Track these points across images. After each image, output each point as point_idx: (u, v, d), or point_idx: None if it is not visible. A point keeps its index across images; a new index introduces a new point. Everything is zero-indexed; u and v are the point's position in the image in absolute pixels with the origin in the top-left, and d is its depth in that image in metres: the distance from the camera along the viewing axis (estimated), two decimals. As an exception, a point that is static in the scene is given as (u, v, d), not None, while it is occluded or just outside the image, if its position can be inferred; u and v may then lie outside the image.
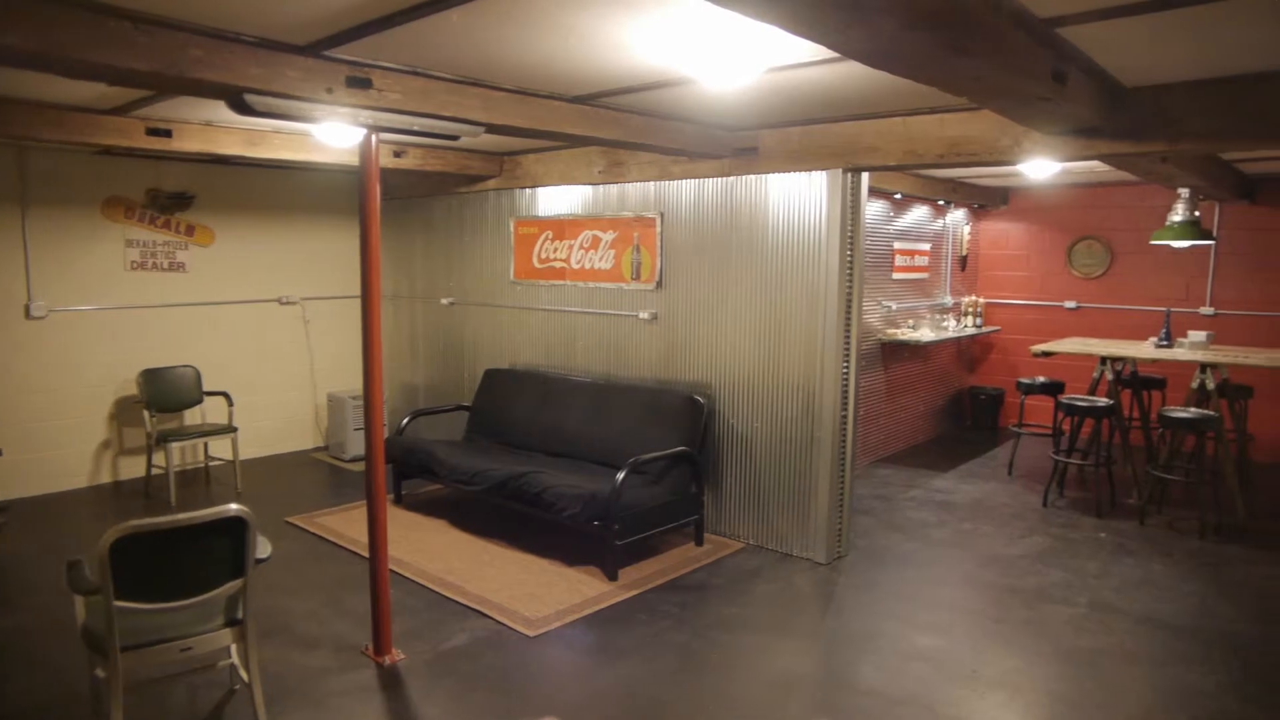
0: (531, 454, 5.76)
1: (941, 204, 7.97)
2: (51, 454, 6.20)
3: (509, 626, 4.04)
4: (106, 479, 6.49)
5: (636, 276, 5.73)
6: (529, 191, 6.46)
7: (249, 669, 3.07)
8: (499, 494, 5.08)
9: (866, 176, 4.87)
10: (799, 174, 4.86)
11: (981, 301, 8.59)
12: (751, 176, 5.08)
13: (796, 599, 4.49)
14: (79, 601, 2.99)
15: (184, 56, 2.86)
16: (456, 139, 3.96)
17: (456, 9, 2.66)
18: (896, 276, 7.50)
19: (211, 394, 6.56)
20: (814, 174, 4.80)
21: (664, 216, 5.54)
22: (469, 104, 3.78)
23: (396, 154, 5.91)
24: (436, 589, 4.48)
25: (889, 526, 5.61)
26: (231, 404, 6.48)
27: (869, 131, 4.53)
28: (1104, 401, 6.07)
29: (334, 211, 7.61)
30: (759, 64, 3.32)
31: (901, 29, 2.01)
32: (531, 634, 3.96)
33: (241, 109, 3.11)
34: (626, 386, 5.69)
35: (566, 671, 3.71)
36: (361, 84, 3.38)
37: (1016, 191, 8.60)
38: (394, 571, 4.41)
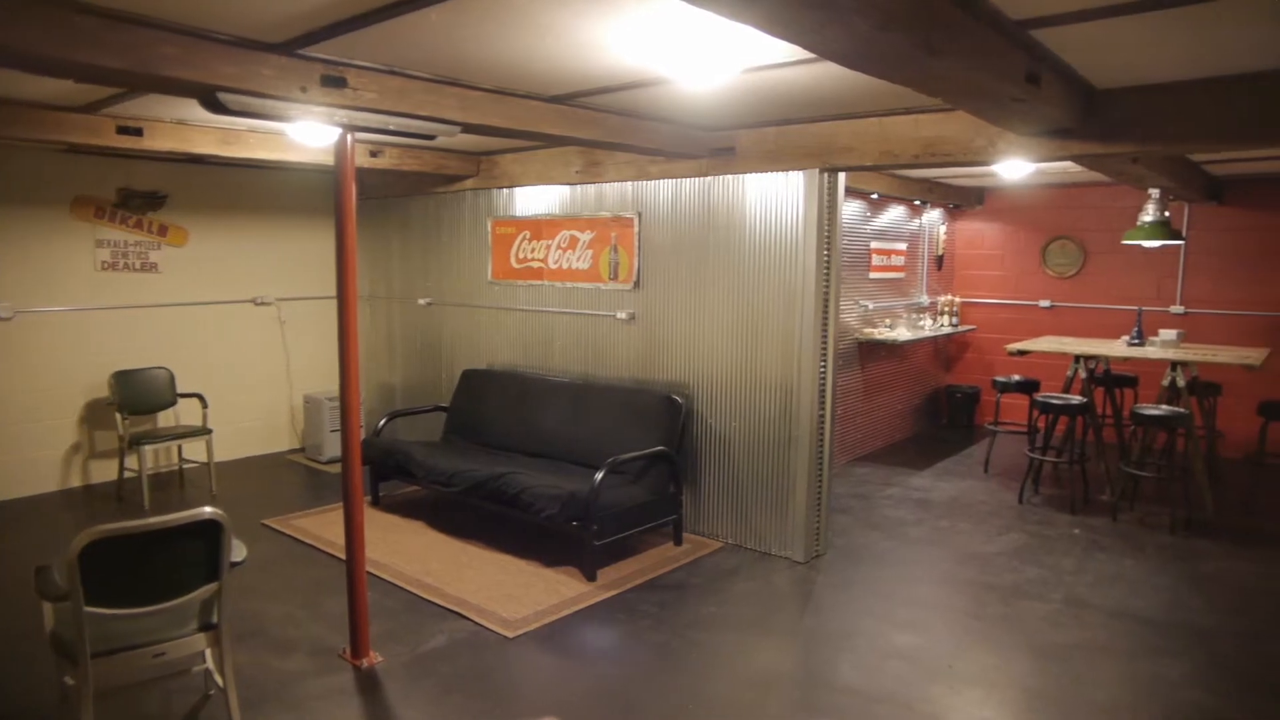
0: (509, 454, 5.74)
1: (918, 204, 8.04)
2: (19, 457, 6.09)
3: (487, 628, 4.02)
4: (77, 483, 6.39)
5: (614, 276, 5.73)
6: (506, 191, 6.44)
7: (224, 674, 3.04)
8: (477, 495, 5.06)
9: (843, 176, 4.90)
10: (776, 174, 4.88)
11: (957, 301, 8.67)
12: (729, 176, 5.09)
13: (775, 598, 4.50)
14: (47, 608, 2.94)
15: (155, 54, 2.82)
16: (433, 139, 3.93)
17: (434, 7, 2.64)
18: (873, 276, 7.55)
19: (185, 396, 6.48)
20: (791, 174, 4.82)
21: (641, 216, 5.54)
22: (445, 103, 3.76)
23: (373, 153, 5.87)
24: (414, 591, 4.46)
25: (867, 525, 5.65)
26: (206, 406, 6.40)
27: (845, 132, 4.56)
28: (1078, 399, 6.15)
29: (310, 211, 7.54)
30: (735, 64, 3.33)
31: (876, 29, 2.02)
32: (510, 635, 3.95)
33: (215, 108, 3.08)
34: (604, 386, 5.69)
35: (545, 672, 3.70)
36: (337, 83, 3.35)
37: (992, 192, 8.69)
38: (371, 573, 4.37)
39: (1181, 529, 5.59)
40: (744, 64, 3.33)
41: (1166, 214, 6.29)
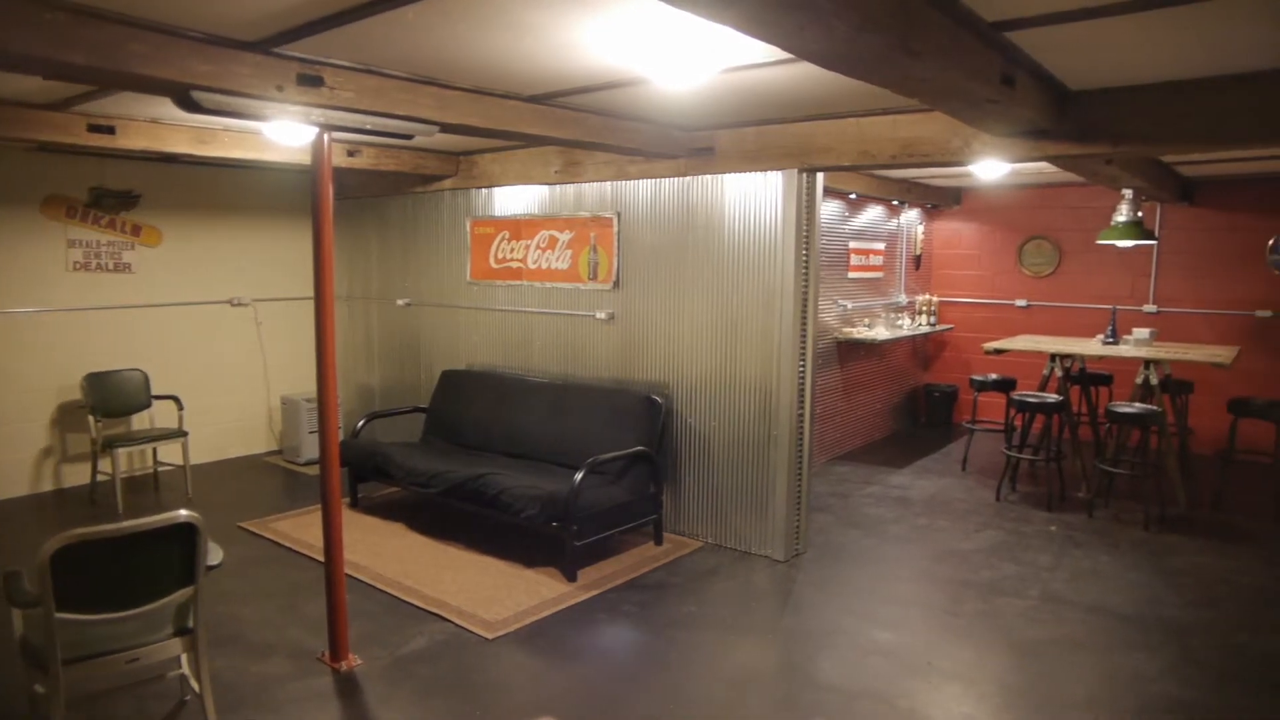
0: (489, 455, 5.72)
1: (896, 204, 8.09)
2: (-10, 461, 6.01)
3: (467, 629, 4.01)
4: (49, 487, 6.29)
5: (593, 276, 5.72)
6: (485, 191, 6.42)
7: (200, 679, 3.00)
8: (456, 496, 5.04)
9: (821, 177, 4.92)
10: (755, 174, 4.89)
11: (935, 300, 8.74)
12: (708, 176, 5.10)
13: (755, 596, 4.52)
14: (16, 614, 2.89)
15: (126, 51, 2.79)
16: (411, 138, 3.91)
17: (411, 6, 2.63)
18: (852, 276, 7.60)
19: (161, 398, 6.40)
20: (770, 174, 4.83)
21: (621, 216, 5.54)
22: (423, 103, 3.74)
23: (350, 153, 5.83)
24: (393, 593, 4.43)
25: (846, 523, 5.68)
26: (182, 408, 6.32)
27: (823, 132, 4.58)
28: (1054, 398, 6.21)
29: (287, 211, 7.47)
30: (714, 64, 3.33)
31: (854, 31, 2.03)
32: (490, 636, 3.93)
33: (189, 106, 3.04)
34: (584, 387, 5.68)
35: (526, 673, 3.69)
36: (313, 82, 3.33)
37: (968, 192, 8.77)
38: (350, 576, 4.34)
39: (1155, 524, 5.66)
40: (723, 64, 3.34)
41: (1139, 214, 6.38)
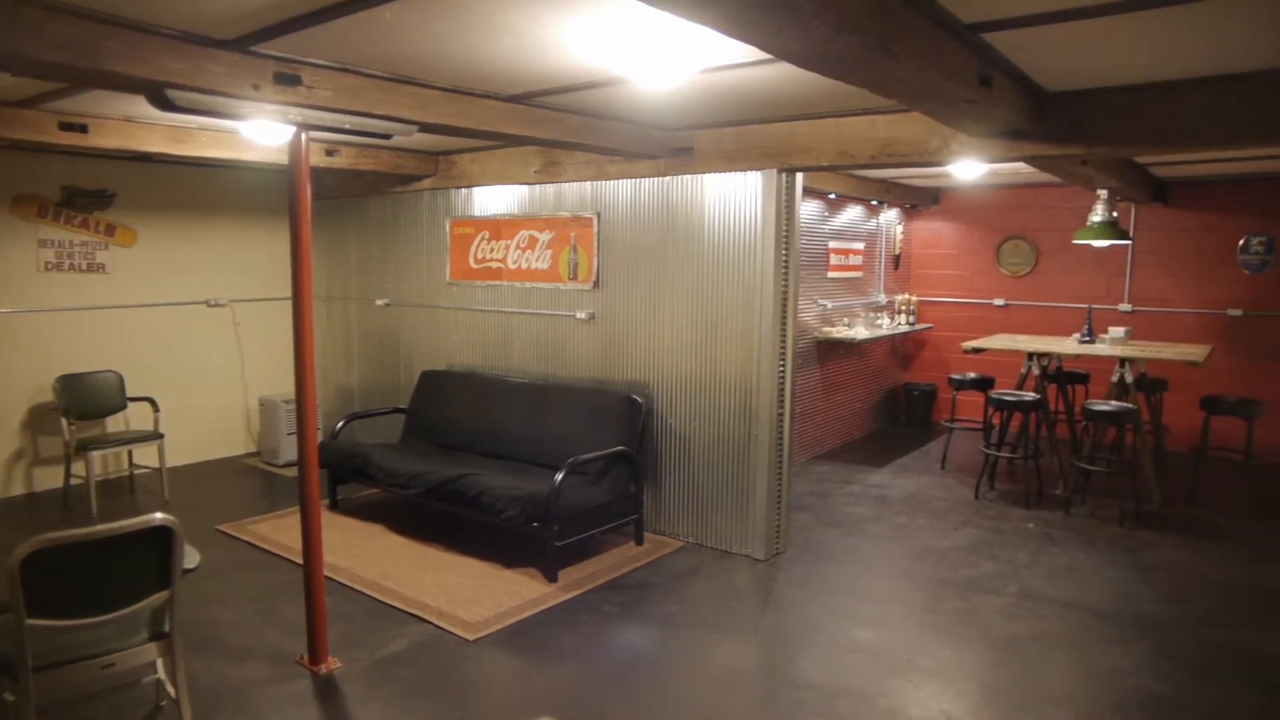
0: (469, 456, 5.70)
1: (875, 204, 8.14)
2: (-40, 465, 5.91)
3: (448, 631, 3.99)
4: (20, 490, 6.20)
5: (573, 276, 5.71)
6: (465, 191, 6.39)
7: (176, 683, 2.97)
8: (436, 497, 5.01)
9: (801, 176, 4.95)
10: (734, 174, 4.90)
11: (914, 299, 8.80)
12: (687, 176, 5.10)
13: (736, 596, 4.53)
14: (-12, 620, 2.84)
15: (100, 48, 2.75)
16: (389, 138, 3.88)
17: (389, 5, 2.61)
18: (831, 275, 7.63)
19: (136, 399, 6.32)
20: (749, 174, 4.85)
21: (600, 216, 5.53)
22: (402, 102, 3.72)
23: (328, 153, 5.78)
24: (373, 595, 4.40)
25: (826, 522, 5.71)
26: (158, 410, 6.25)
27: (803, 132, 4.60)
28: (1031, 396, 6.28)
29: (264, 211, 7.40)
30: (693, 65, 3.34)
31: (833, 32, 2.04)
32: (471, 638, 3.92)
33: (163, 104, 3.00)
34: (564, 387, 5.67)
35: (507, 674, 3.67)
36: (290, 80, 3.30)
37: (947, 192, 8.84)
38: (329, 578, 4.30)
39: (1130, 521, 5.73)
40: (702, 64, 3.34)
41: (1114, 214, 6.46)
